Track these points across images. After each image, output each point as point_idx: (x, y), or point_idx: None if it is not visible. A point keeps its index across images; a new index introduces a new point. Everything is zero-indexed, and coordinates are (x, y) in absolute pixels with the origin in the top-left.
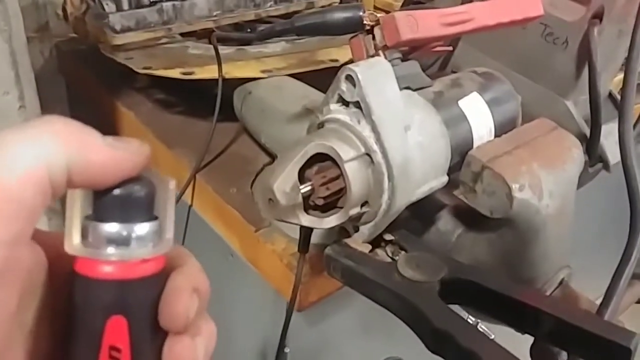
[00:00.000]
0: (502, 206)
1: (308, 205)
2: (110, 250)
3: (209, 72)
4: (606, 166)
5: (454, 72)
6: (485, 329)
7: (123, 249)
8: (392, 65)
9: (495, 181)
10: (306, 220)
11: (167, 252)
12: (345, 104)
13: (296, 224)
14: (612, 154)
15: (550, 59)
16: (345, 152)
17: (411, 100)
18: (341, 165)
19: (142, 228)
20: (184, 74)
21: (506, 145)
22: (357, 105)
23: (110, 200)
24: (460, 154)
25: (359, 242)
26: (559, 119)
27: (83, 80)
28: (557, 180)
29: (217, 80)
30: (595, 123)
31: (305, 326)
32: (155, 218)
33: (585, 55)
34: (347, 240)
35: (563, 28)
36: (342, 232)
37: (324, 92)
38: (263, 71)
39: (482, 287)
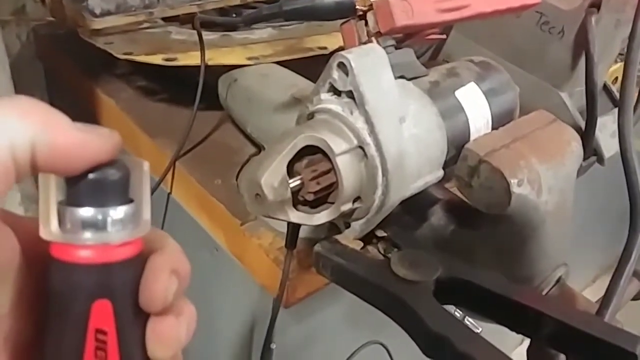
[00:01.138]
0: (499, 202)
1: (297, 200)
2: (88, 234)
3: (192, 58)
4: (600, 160)
5: (446, 62)
6: (473, 322)
7: (101, 233)
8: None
9: (493, 176)
10: (295, 216)
11: (145, 233)
12: (337, 93)
13: (284, 221)
14: (607, 147)
15: (545, 49)
16: (337, 144)
17: (406, 90)
18: (332, 158)
19: (119, 211)
20: (166, 60)
21: (504, 138)
22: (350, 94)
23: (84, 185)
24: (457, 147)
25: (349, 238)
26: (553, 111)
27: (61, 66)
28: (556, 175)
29: (200, 67)
30: (591, 115)
31: (292, 322)
32: (131, 201)
33: (581, 45)
34: (338, 237)
35: (559, 17)
36: (332, 227)
37: (313, 80)
38: (249, 58)
39: (478, 287)
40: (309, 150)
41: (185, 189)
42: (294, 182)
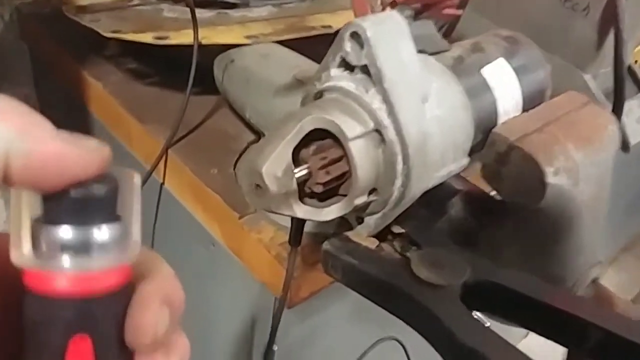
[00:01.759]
0: (533, 194)
1: (303, 192)
2: (67, 260)
3: (185, 37)
4: (625, 146)
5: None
6: (480, 316)
7: (82, 258)
8: None
9: (526, 164)
10: (301, 211)
11: (134, 259)
12: (350, 68)
13: (288, 216)
14: (633, 133)
15: (568, 27)
16: (350, 127)
17: (427, 66)
18: (345, 144)
19: (104, 231)
20: (157, 38)
21: (536, 121)
22: (365, 69)
23: (63, 199)
24: (483, 131)
25: (362, 235)
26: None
27: (47, 48)
28: (593, 163)
29: (193, 46)
30: (618, 99)
31: (295, 321)
32: (118, 219)
33: (608, 23)
34: (349, 234)
35: None
36: (342, 223)
37: (317, 61)
38: (247, 37)
39: (513, 292)
40: (317, 135)
41: (179, 179)
42: (300, 172)
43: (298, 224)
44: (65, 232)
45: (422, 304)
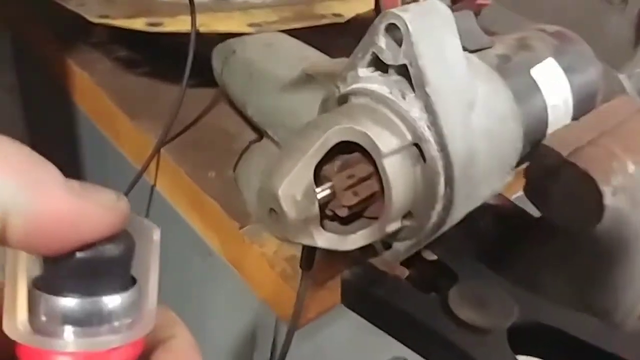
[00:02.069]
0: (587, 217)
1: (323, 214)
2: (70, 335)
3: (181, 23)
4: None
5: None
6: None
7: (88, 335)
8: None
9: (581, 182)
10: (323, 240)
11: (149, 331)
12: (383, 69)
13: (310, 245)
14: None
15: (602, 22)
16: (384, 141)
17: (471, 67)
18: (378, 160)
19: (115, 302)
20: (150, 25)
21: (588, 131)
22: (402, 70)
23: (68, 262)
24: (531, 142)
25: (389, 262)
26: (609, 95)
27: (30, 34)
28: None
29: (190, 34)
30: None
31: (297, 338)
32: (133, 283)
33: None
34: (373, 260)
35: None
36: (366, 246)
37: (326, 53)
38: (250, 25)
39: (568, 336)
40: (341, 147)
41: (172, 182)
42: (323, 192)
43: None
44: (69, 302)
45: (464, 350)
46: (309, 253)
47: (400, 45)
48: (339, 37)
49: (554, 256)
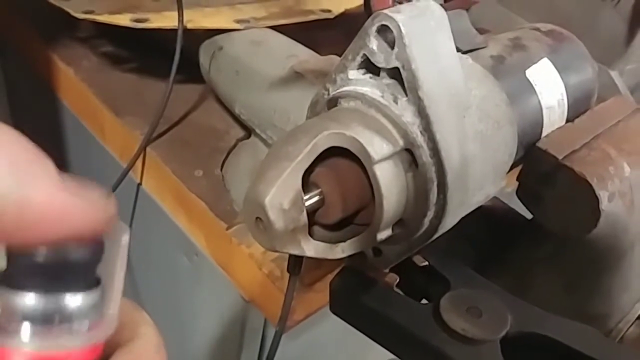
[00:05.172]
0: (582, 222)
1: (311, 221)
2: (26, 333)
3: (168, 19)
4: None
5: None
6: None
7: (45, 332)
8: None
9: (576, 187)
10: (311, 249)
11: (108, 335)
12: (374, 71)
13: (298, 255)
14: None
15: (595, 18)
16: (376, 147)
17: (465, 69)
18: (368, 167)
19: (76, 301)
20: (136, 21)
21: (583, 133)
22: (394, 73)
23: (34, 260)
24: (526, 146)
25: (379, 268)
26: (600, 92)
27: (14, 29)
28: None
29: (177, 30)
30: None
31: (284, 340)
32: (97, 284)
33: None
34: (363, 267)
35: None
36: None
37: (315, 50)
38: (238, 21)
39: (565, 348)
40: (330, 152)
41: (158, 181)
42: (312, 199)
43: None
44: (28, 298)
45: None
46: (297, 257)
47: (392, 47)
48: (327, 32)
49: (547, 259)
